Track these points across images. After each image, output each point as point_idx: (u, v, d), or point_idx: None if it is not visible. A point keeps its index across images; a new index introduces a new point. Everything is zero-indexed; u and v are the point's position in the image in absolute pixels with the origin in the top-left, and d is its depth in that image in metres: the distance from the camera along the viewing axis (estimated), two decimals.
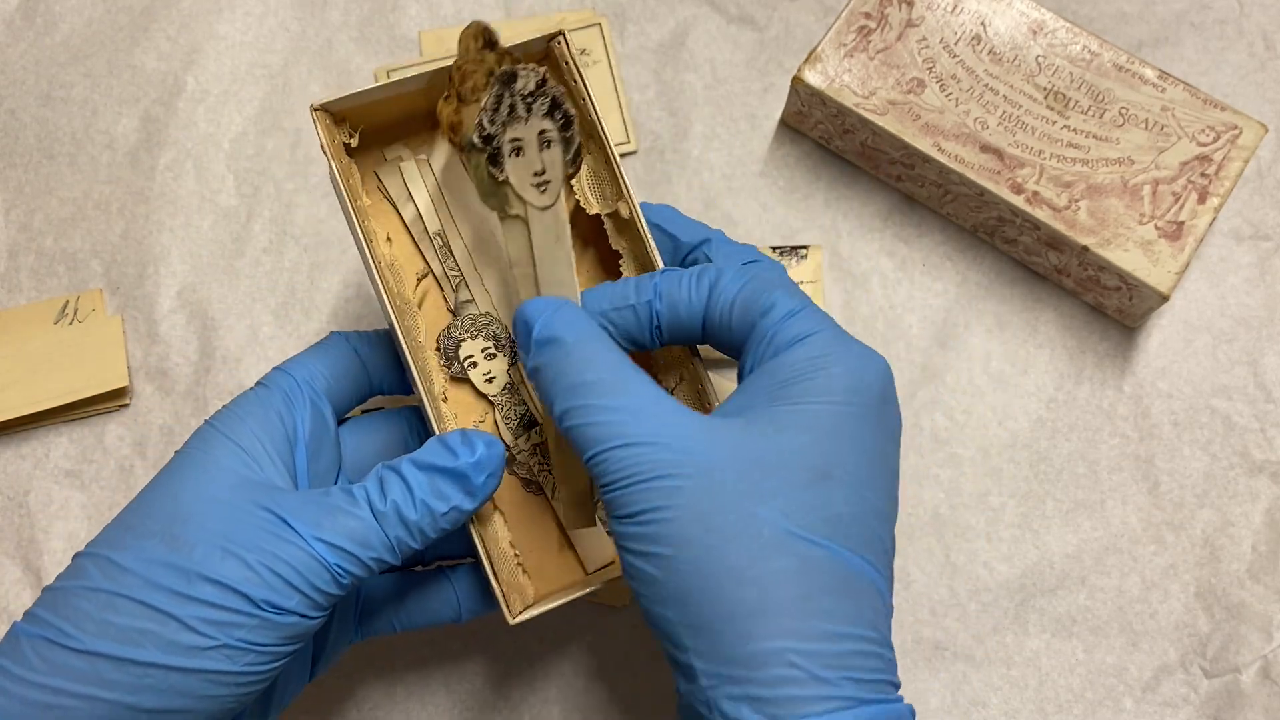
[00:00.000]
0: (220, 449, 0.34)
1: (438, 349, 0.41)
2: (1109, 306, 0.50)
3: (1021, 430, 0.49)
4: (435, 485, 0.34)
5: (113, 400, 0.49)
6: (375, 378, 0.39)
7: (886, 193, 0.52)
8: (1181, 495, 0.48)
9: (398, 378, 0.40)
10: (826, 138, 0.52)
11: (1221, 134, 0.47)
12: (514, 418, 0.41)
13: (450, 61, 0.37)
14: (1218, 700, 0.45)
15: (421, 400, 0.37)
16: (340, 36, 0.55)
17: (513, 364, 0.41)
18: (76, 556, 0.32)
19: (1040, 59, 0.49)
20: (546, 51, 0.40)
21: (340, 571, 0.32)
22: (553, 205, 0.36)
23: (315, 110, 0.37)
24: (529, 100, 0.35)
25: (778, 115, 0.54)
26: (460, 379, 0.40)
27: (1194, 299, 0.51)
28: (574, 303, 0.35)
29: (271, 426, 0.35)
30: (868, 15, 0.50)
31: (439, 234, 0.41)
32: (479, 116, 0.35)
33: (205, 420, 0.36)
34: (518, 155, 0.36)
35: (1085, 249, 0.46)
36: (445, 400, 0.40)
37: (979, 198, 0.48)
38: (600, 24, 0.55)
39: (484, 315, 0.41)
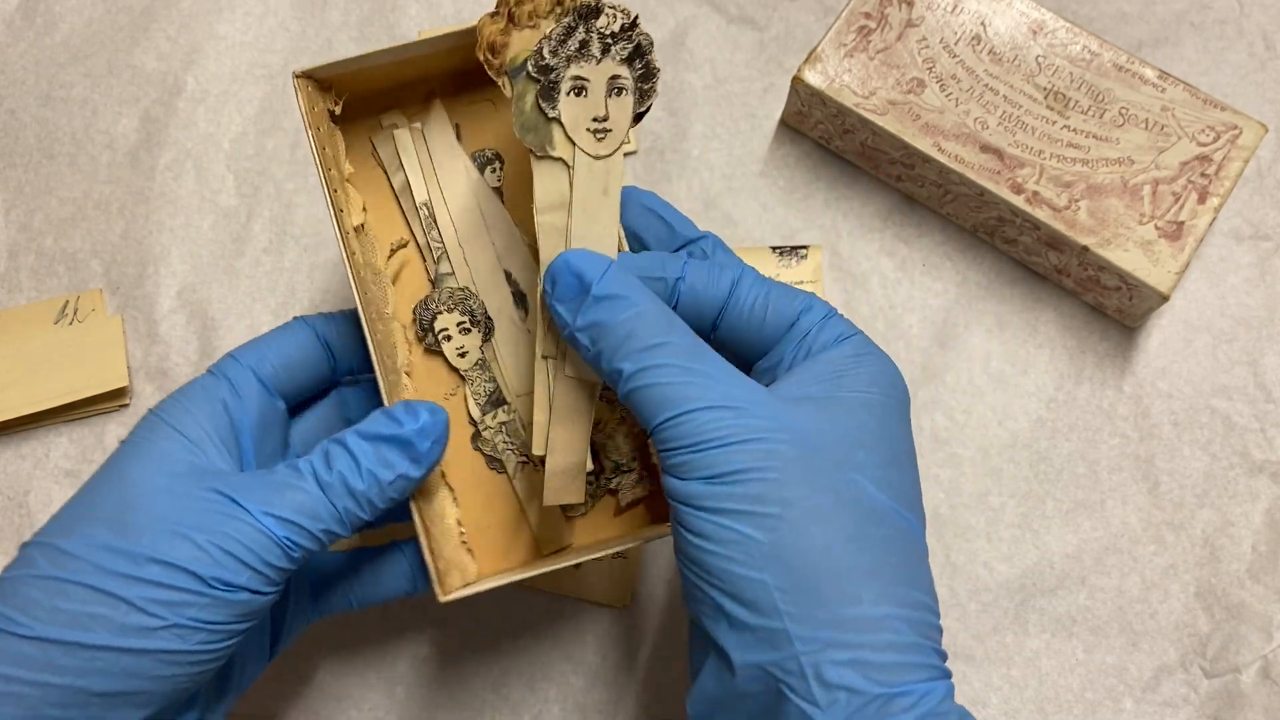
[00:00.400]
0: (165, 437, 0.34)
1: (413, 320, 0.40)
2: (1109, 306, 0.50)
3: (1021, 430, 0.49)
4: (380, 454, 0.34)
5: (113, 400, 0.49)
6: (341, 358, 0.39)
7: (886, 193, 0.52)
8: (1181, 495, 0.48)
9: (366, 358, 0.39)
10: (826, 138, 0.52)
11: (1221, 134, 0.47)
12: (483, 394, 0.40)
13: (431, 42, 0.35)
14: (1218, 700, 0.45)
15: (375, 370, 0.36)
16: (340, 36, 0.55)
17: (486, 340, 0.40)
18: (24, 546, 0.32)
19: (1040, 59, 0.49)
20: None
21: (290, 545, 0.32)
22: (609, 156, 0.34)
23: (298, 77, 0.37)
24: (608, 41, 0.33)
25: (778, 115, 0.54)
26: (433, 351, 0.40)
27: (1194, 299, 0.51)
28: (620, 261, 0.34)
29: (216, 414, 0.35)
30: (868, 15, 0.50)
31: (425, 204, 0.40)
32: (539, 44, 0.33)
33: (150, 409, 0.36)
34: (578, 95, 0.33)
35: (1085, 249, 0.46)
36: (410, 374, 0.39)
37: (979, 198, 0.48)
38: None
39: (462, 289, 0.40)
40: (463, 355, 0.40)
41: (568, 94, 0.33)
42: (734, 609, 0.30)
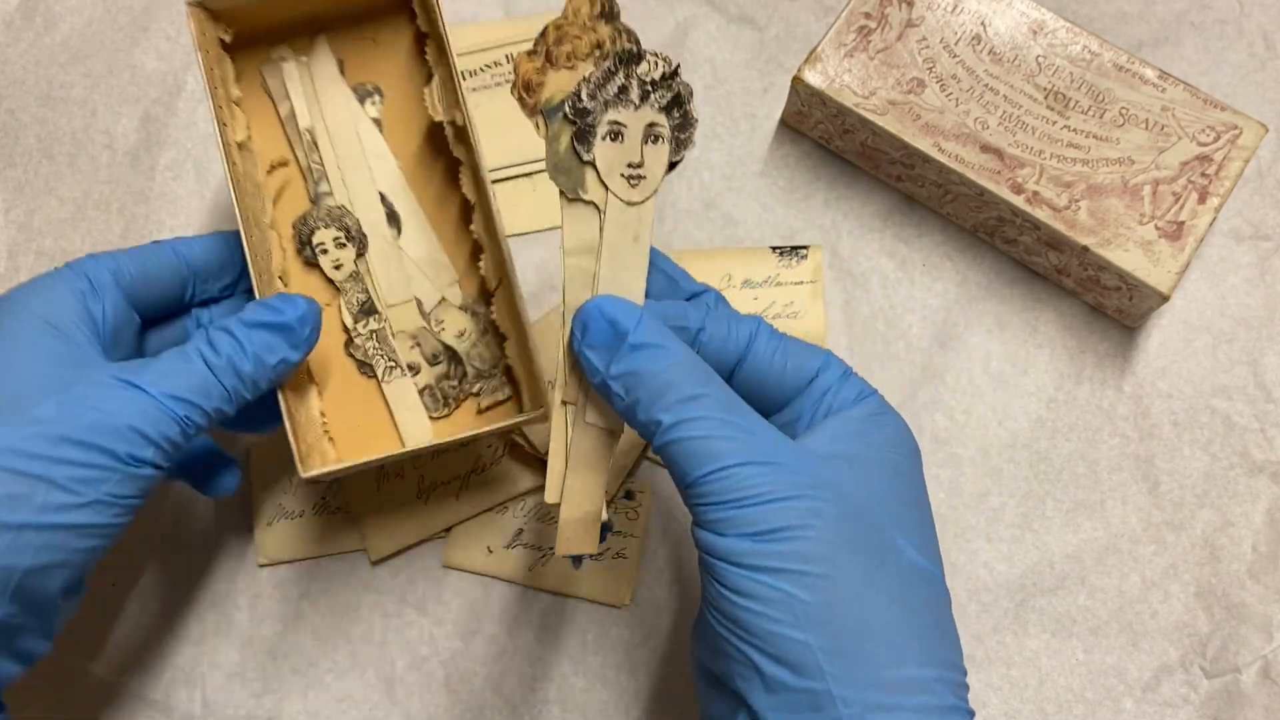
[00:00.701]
0: (36, 329, 0.35)
1: (294, 234, 0.44)
2: (1109, 306, 0.50)
3: (1021, 430, 0.49)
4: (264, 339, 0.37)
5: None
6: (200, 281, 0.41)
7: (886, 193, 0.52)
8: (1181, 495, 0.48)
9: (230, 281, 0.42)
10: (826, 138, 0.52)
11: (1221, 134, 0.47)
12: (355, 304, 0.44)
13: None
14: (1218, 700, 0.45)
15: (249, 270, 0.39)
16: None
17: (360, 255, 0.44)
18: None
19: (1040, 59, 0.49)
20: None
21: (188, 423, 0.35)
22: (641, 203, 0.34)
23: (190, 5, 0.41)
24: (648, 88, 0.33)
25: (778, 115, 0.54)
26: (311, 264, 0.44)
27: (1194, 299, 0.51)
28: (650, 309, 0.34)
29: (78, 307, 0.37)
30: (868, 15, 0.50)
31: (308, 130, 0.44)
32: (578, 86, 0.33)
33: (6, 294, 0.37)
34: (614, 140, 0.33)
35: (1085, 249, 0.46)
36: (286, 284, 0.43)
37: (979, 198, 0.48)
38: None
39: (339, 207, 0.44)
40: (338, 268, 0.44)
41: (603, 138, 0.33)
42: (773, 670, 0.30)
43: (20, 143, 0.53)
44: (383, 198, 0.44)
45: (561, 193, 0.34)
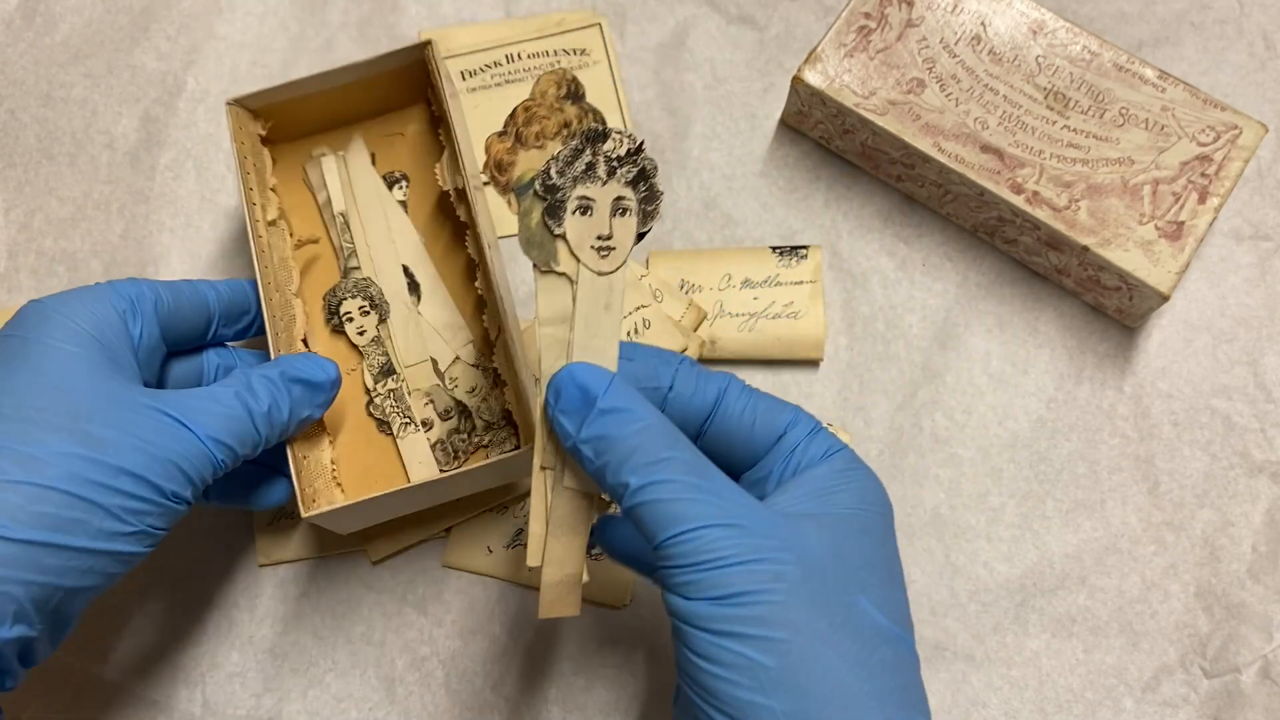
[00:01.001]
0: (86, 344, 0.36)
1: (324, 305, 0.48)
2: (1109, 306, 0.50)
3: (1021, 430, 0.49)
4: (300, 395, 0.40)
5: None
6: (223, 322, 0.43)
7: (886, 193, 0.52)
8: (1181, 495, 0.48)
9: (246, 326, 0.44)
10: (826, 138, 0.52)
11: (1221, 134, 0.47)
12: (376, 366, 0.47)
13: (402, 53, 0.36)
14: (1218, 700, 0.45)
15: (266, 328, 0.43)
16: (340, 36, 0.55)
17: (381, 321, 0.47)
18: None
19: (1040, 59, 0.49)
20: (421, 58, 0.47)
21: (220, 464, 0.37)
22: (612, 272, 0.35)
23: (228, 103, 0.46)
24: (614, 164, 0.35)
25: (778, 115, 0.54)
26: (338, 331, 0.48)
27: (1194, 299, 0.51)
28: (621, 373, 0.35)
29: (119, 327, 0.37)
30: (868, 15, 0.50)
31: (341, 214, 0.49)
32: (547, 164, 0.34)
33: (47, 307, 0.37)
34: (583, 214, 0.35)
35: (1085, 249, 0.46)
36: (308, 344, 0.46)
37: (979, 198, 0.48)
38: (600, 24, 0.55)
39: (364, 279, 0.48)
40: (362, 334, 0.48)
41: (573, 212, 0.35)
42: None
43: (20, 143, 0.53)
44: (406, 270, 0.48)
45: (535, 265, 0.35)
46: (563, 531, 0.35)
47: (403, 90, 0.49)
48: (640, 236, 0.35)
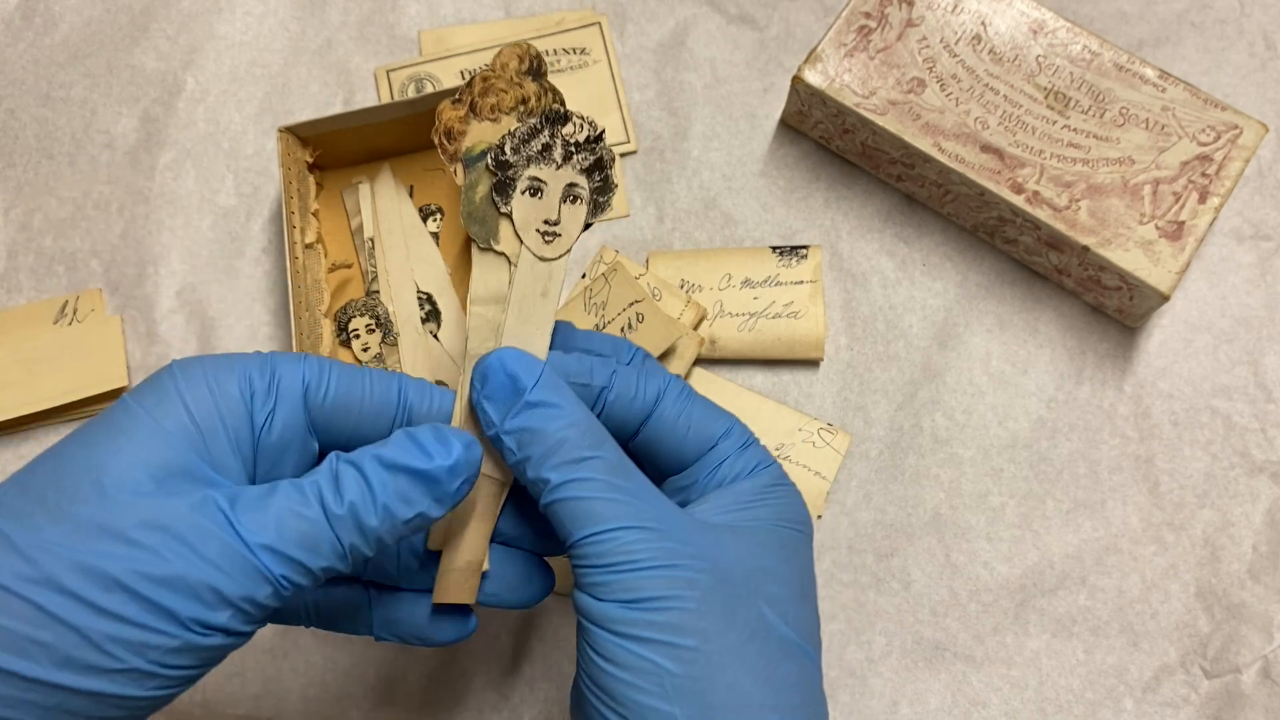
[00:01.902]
0: (172, 415, 0.29)
1: (334, 320, 0.49)
2: (1109, 306, 0.50)
3: (1021, 430, 0.49)
4: (401, 487, 0.29)
5: (112, 400, 0.49)
6: (415, 424, 0.33)
7: (886, 193, 0.52)
8: (1182, 495, 0.48)
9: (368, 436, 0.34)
10: (826, 138, 0.52)
11: (1222, 134, 0.47)
12: None
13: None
14: (1218, 700, 0.45)
15: (293, 343, 0.43)
16: (340, 36, 0.55)
17: (385, 339, 0.48)
18: None
19: (1040, 59, 0.49)
20: None
21: (284, 584, 0.28)
22: (555, 259, 0.34)
23: (280, 130, 0.47)
24: (571, 149, 0.34)
25: (778, 115, 0.54)
26: (345, 345, 0.49)
27: (1194, 299, 0.51)
28: (552, 365, 0.33)
29: (237, 409, 0.29)
30: (868, 15, 0.50)
31: (370, 239, 0.50)
32: (502, 139, 0.33)
33: (174, 362, 0.30)
34: (533, 195, 0.34)
35: (1085, 249, 0.46)
36: None
37: (979, 198, 0.48)
38: (600, 24, 0.55)
39: (373, 299, 0.49)
40: (365, 350, 0.48)
41: (522, 192, 0.33)
42: None
43: (20, 143, 0.53)
44: (429, 297, 0.50)
45: (473, 241, 0.34)
46: (468, 517, 0.34)
47: None
48: (587, 226, 0.34)
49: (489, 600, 0.35)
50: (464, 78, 0.54)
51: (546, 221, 0.34)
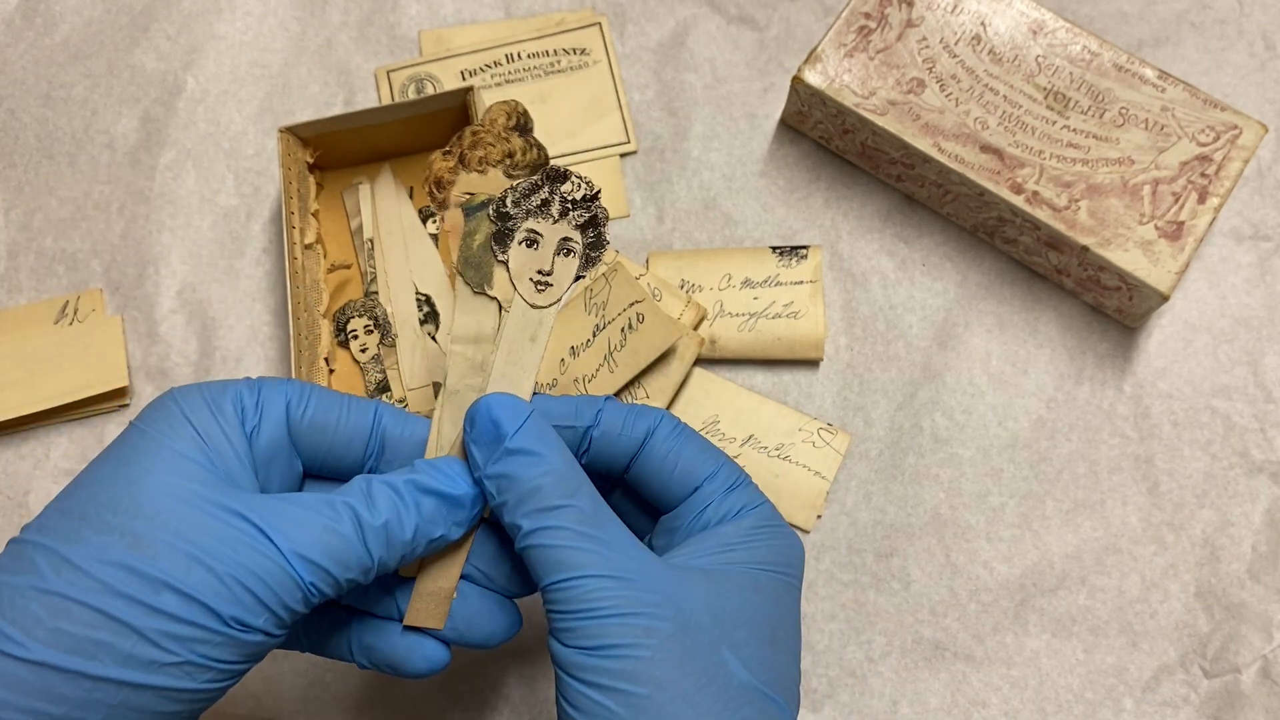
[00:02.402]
0: (189, 438, 0.31)
1: (332, 321, 0.49)
2: (1109, 306, 0.50)
3: (1021, 430, 0.49)
4: (431, 510, 0.32)
5: (113, 400, 0.49)
6: (391, 455, 0.35)
7: (886, 193, 0.52)
8: (1181, 495, 0.48)
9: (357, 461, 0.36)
10: (826, 138, 0.52)
11: (1221, 134, 0.47)
12: (372, 383, 0.48)
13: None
14: (1218, 700, 0.45)
15: (291, 343, 0.44)
16: (340, 36, 0.55)
17: (383, 340, 0.49)
18: (19, 543, 0.29)
19: (1040, 59, 0.49)
20: (462, 104, 0.48)
21: (313, 591, 0.30)
22: (545, 307, 0.36)
23: (280, 130, 0.47)
24: (568, 205, 0.35)
25: (778, 115, 0.54)
26: (344, 346, 0.49)
27: (1194, 299, 0.51)
28: (537, 411, 0.34)
29: (231, 421, 0.32)
30: (868, 15, 0.50)
31: (370, 240, 0.50)
32: (504, 192, 0.35)
33: (168, 392, 0.33)
34: (529, 246, 0.36)
35: (1085, 249, 0.46)
36: (329, 363, 0.47)
37: (979, 198, 0.48)
38: (600, 24, 0.55)
39: (372, 300, 0.49)
40: (364, 351, 0.49)
41: (519, 243, 0.36)
42: None
43: (20, 143, 0.53)
44: (428, 299, 0.50)
45: (465, 282, 0.36)
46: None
47: (446, 130, 0.50)
48: (577, 278, 0.36)
49: (458, 638, 0.36)
50: (464, 78, 0.54)
51: (540, 272, 0.36)
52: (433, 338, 0.49)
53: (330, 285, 0.49)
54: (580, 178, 0.36)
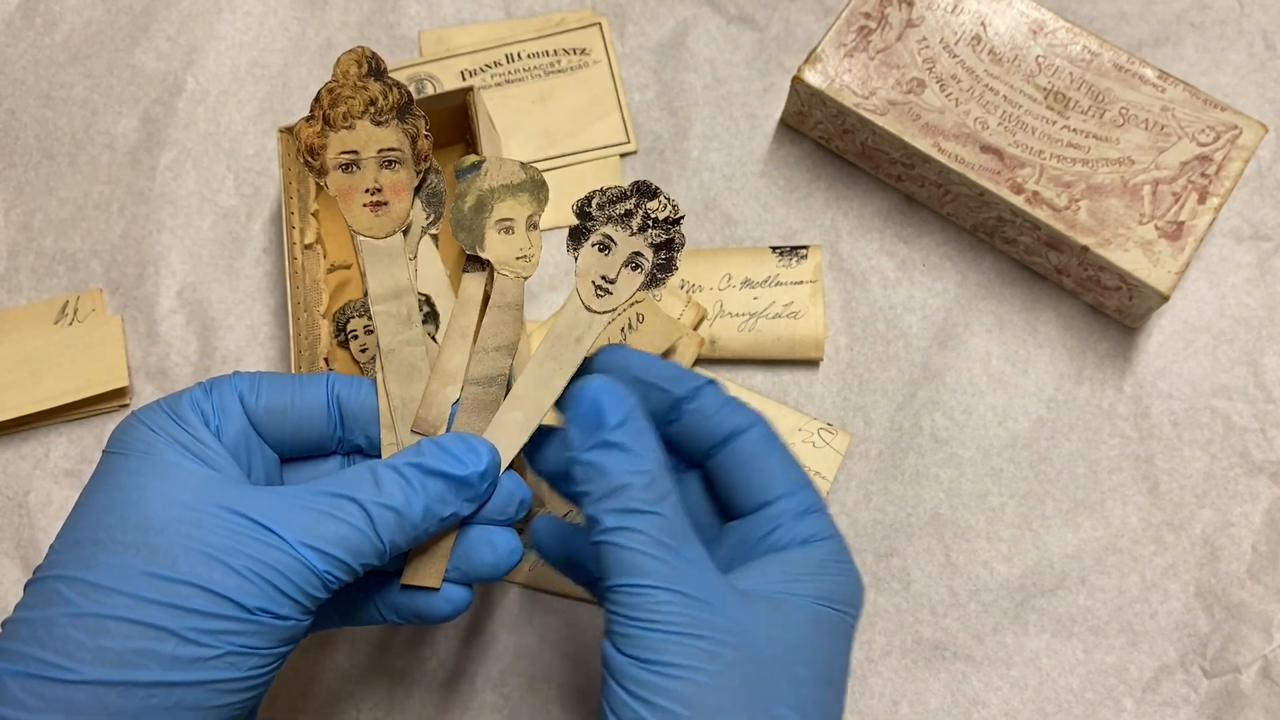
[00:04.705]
0: (170, 450, 0.32)
1: (332, 321, 0.48)
2: (1109, 306, 0.50)
3: (1021, 430, 0.49)
4: (439, 491, 0.33)
5: (113, 400, 0.49)
6: (351, 426, 0.36)
7: (886, 193, 0.52)
8: (1181, 495, 0.48)
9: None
10: (826, 138, 0.52)
11: (1221, 134, 0.47)
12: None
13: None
14: (1218, 700, 0.45)
15: (291, 343, 0.44)
16: (340, 36, 0.55)
17: None
18: (38, 581, 0.30)
19: (1040, 59, 0.49)
20: (462, 104, 0.48)
21: (330, 578, 0.31)
22: (599, 313, 0.36)
23: (280, 130, 0.47)
24: (649, 222, 0.36)
25: (778, 115, 0.54)
26: (344, 346, 0.48)
27: (1194, 299, 0.51)
28: (639, 404, 0.33)
29: (196, 424, 0.33)
30: (868, 15, 0.50)
31: None
32: (592, 193, 0.36)
33: (129, 416, 0.33)
34: (601, 250, 0.36)
35: (1085, 249, 0.46)
36: (329, 362, 0.47)
37: (979, 198, 0.48)
38: (600, 24, 0.55)
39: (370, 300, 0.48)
40: (364, 351, 0.48)
41: (593, 245, 0.36)
42: None
43: (20, 143, 0.53)
44: (428, 299, 0.49)
45: (466, 262, 0.36)
46: None
47: (444, 130, 0.50)
48: (633, 295, 0.36)
49: (461, 577, 0.35)
50: (464, 78, 0.54)
51: (604, 278, 0.36)
52: (433, 338, 0.49)
53: (330, 285, 0.49)
54: (669, 199, 0.36)
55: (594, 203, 0.36)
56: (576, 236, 0.36)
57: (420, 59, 0.54)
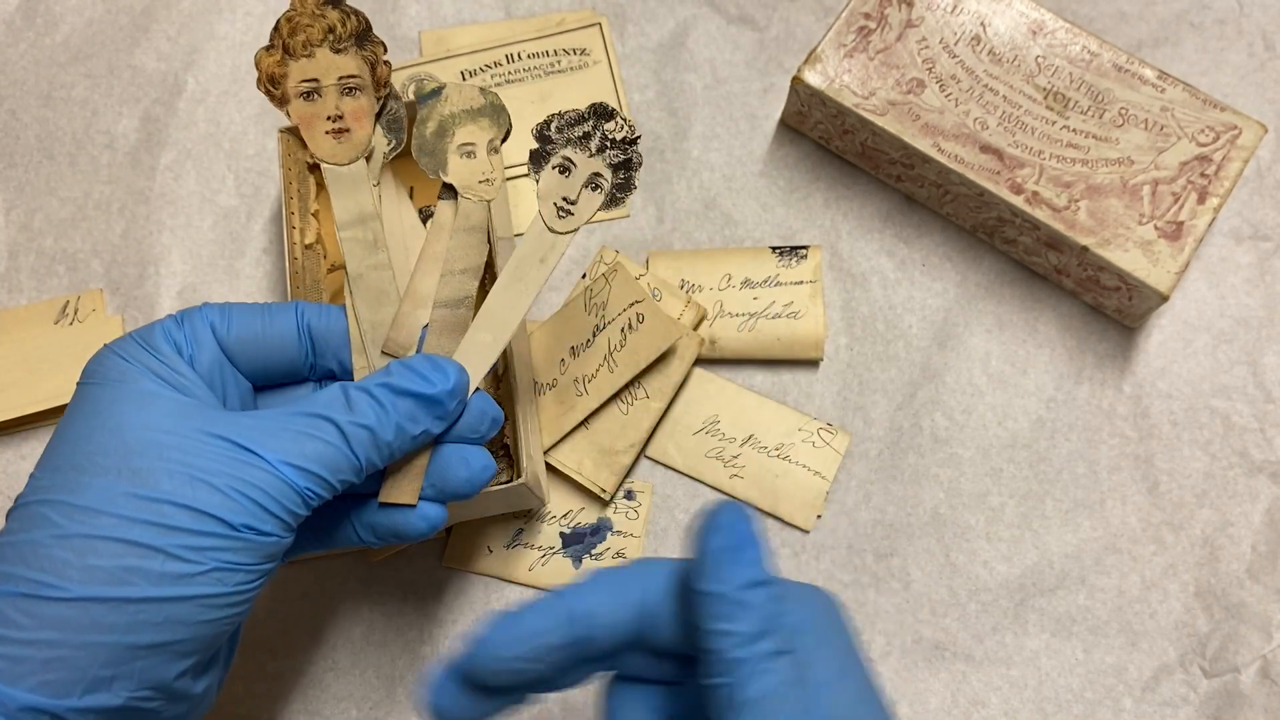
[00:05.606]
0: (145, 378, 0.33)
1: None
2: (1109, 306, 0.50)
3: (1021, 430, 0.49)
4: (409, 409, 0.34)
5: None
6: (322, 353, 0.38)
7: (886, 193, 0.52)
8: (1181, 495, 0.48)
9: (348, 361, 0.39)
10: (826, 138, 0.52)
11: (1221, 134, 0.47)
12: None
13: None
14: (1217, 700, 0.45)
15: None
16: None
17: None
18: (22, 506, 0.31)
19: (1040, 59, 0.49)
20: None
21: (310, 494, 0.32)
22: (562, 234, 0.37)
23: (280, 131, 0.46)
24: (607, 143, 0.36)
25: (778, 115, 0.54)
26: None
27: (1194, 299, 0.51)
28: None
29: (170, 355, 0.34)
30: (868, 15, 0.50)
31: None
32: (550, 117, 0.36)
33: (103, 349, 0.34)
34: (561, 173, 0.37)
35: (1085, 249, 0.46)
36: None
37: (979, 198, 0.48)
38: (600, 24, 0.55)
39: None
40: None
41: (553, 168, 0.37)
42: None
43: (21, 143, 0.53)
44: None
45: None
46: None
47: None
48: (593, 214, 0.37)
49: (437, 494, 0.36)
50: (464, 78, 0.54)
51: (565, 199, 0.37)
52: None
53: (330, 285, 0.49)
54: (625, 119, 0.37)
55: (553, 126, 0.37)
56: (537, 160, 0.37)
57: (420, 59, 0.54)
